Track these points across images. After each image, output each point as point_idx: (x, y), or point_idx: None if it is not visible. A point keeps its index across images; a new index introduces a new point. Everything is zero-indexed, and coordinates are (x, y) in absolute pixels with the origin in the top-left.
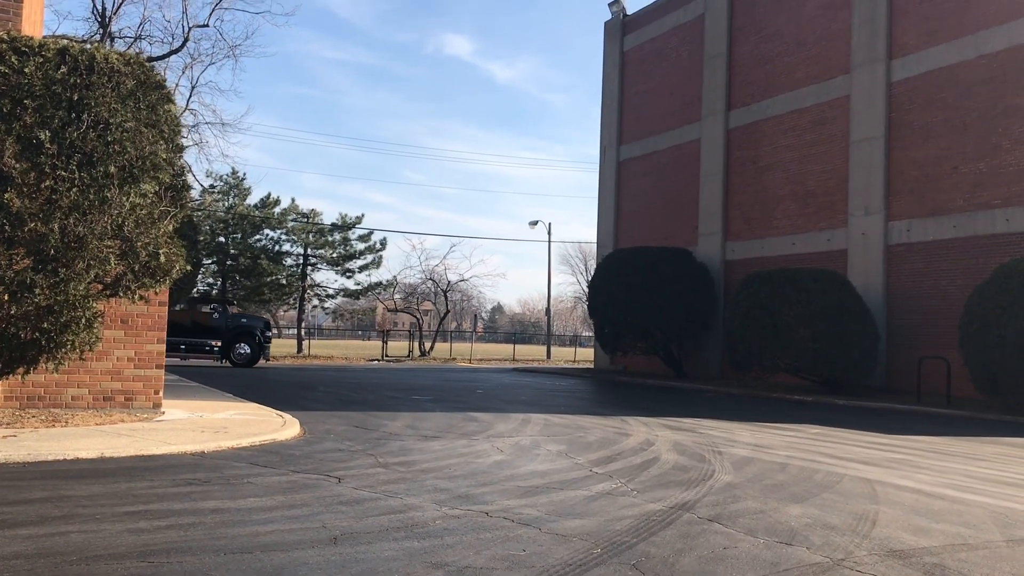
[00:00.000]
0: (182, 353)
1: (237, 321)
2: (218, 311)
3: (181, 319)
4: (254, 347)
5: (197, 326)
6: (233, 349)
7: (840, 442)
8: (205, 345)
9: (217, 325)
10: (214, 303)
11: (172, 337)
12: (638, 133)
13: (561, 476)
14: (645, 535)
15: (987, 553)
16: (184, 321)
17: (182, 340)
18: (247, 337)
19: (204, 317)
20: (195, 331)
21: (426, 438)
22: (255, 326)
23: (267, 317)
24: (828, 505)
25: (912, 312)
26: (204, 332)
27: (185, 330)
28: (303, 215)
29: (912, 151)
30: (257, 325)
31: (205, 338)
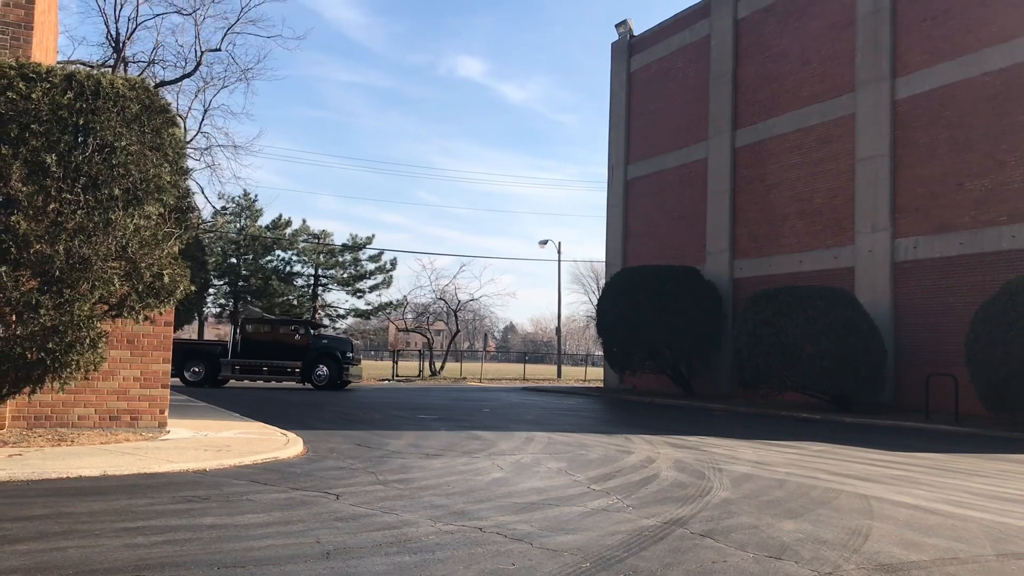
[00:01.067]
0: (264, 375)
1: (319, 342)
2: (300, 332)
3: (263, 340)
4: (334, 369)
5: (279, 347)
6: (314, 371)
7: (842, 459)
8: (287, 367)
9: (299, 346)
10: (295, 323)
11: (254, 359)
12: (645, 152)
13: (558, 493)
14: (636, 550)
15: (976, 567)
16: (266, 342)
17: (264, 362)
18: (328, 359)
19: (286, 338)
20: (276, 352)
21: (428, 456)
22: (336, 348)
23: (351, 339)
24: (822, 520)
25: (920, 329)
26: (286, 353)
27: (267, 351)
28: (314, 236)
29: (917, 168)
30: (338, 347)
31: (287, 360)
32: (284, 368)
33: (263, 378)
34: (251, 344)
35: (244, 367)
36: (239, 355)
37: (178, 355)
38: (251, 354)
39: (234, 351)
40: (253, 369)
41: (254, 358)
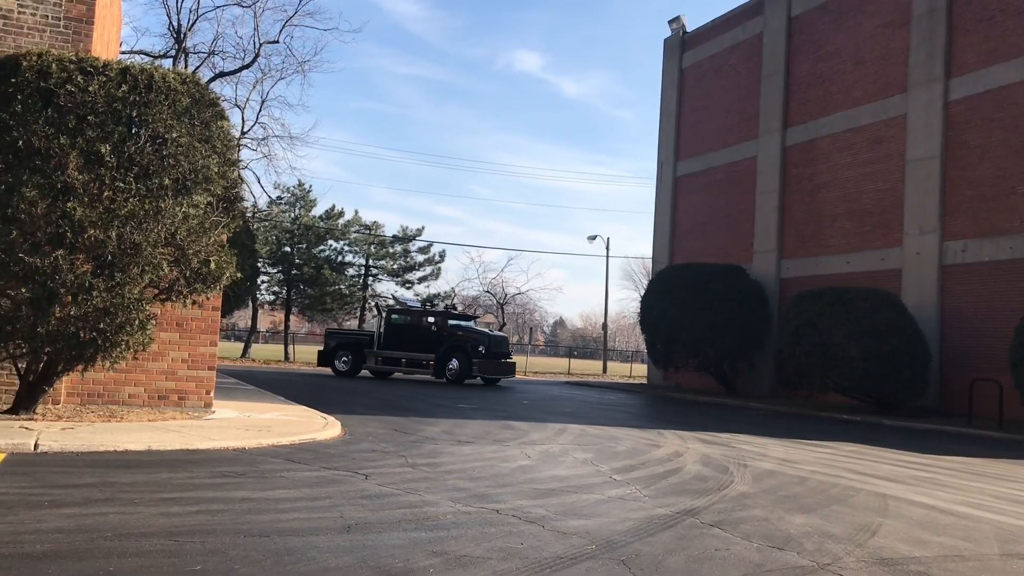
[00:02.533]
0: (403, 368)
1: (454, 334)
2: (436, 322)
3: (404, 330)
4: (464, 363)
5: (417, 339)
6: (446, 365)
7: (872, 460)
8: (422, 360)
9: (435, 338)
10: (432, 313)
11: (395, 351)
12: (695, 149)
13: (579, 481)
14: (643, 535)
15: (976, 565)
16: (407, 333)
17: (403, 354)
18: (459, 353)
19: (424, 329)
20: (415, 344)
21: (459, 443)
22: (468, 341)
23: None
24: (834, 516)
25: (966, 333)
26: (423, 345)
27: (407, 343)
28: (365, 227)
29: (969, 171)
30: (471, 340)
31: (423, 352)
32: (419, 361)
33: (401, 371)
34: (394, 335)
35: (385, 359)
36: (382, 346)
37: (331, 345)
38: (393, 345)
39: (379, 342)
40: (393, 361)
41: (395, 350)
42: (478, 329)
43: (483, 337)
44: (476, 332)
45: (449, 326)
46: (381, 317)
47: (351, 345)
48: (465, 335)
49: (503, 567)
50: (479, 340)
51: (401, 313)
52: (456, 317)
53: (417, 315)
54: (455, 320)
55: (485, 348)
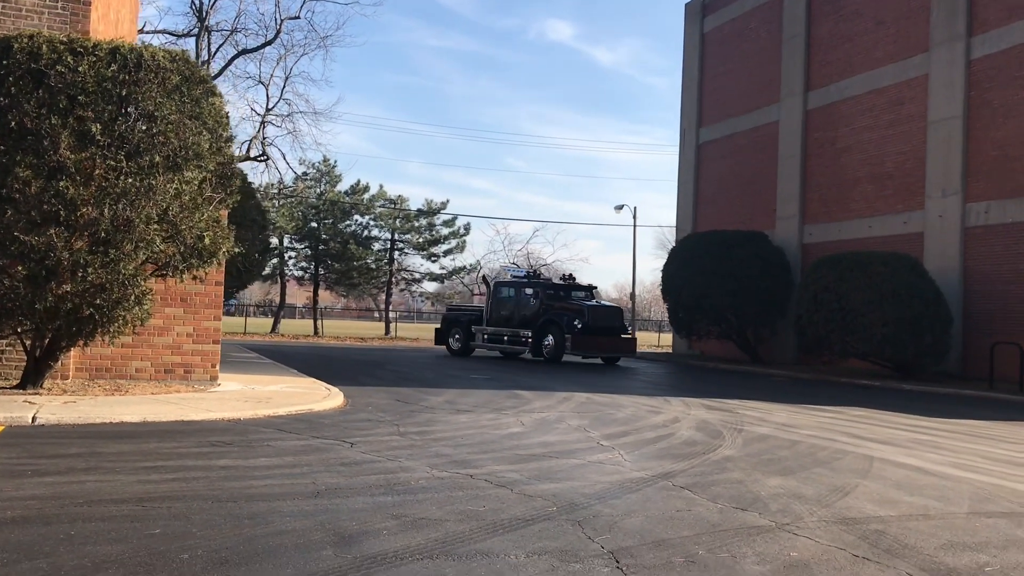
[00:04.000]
0: (505, 345)
1: (551, 307)
2: (535, 295)
3: (508, 304)
4: (558, 339)
5: (519, 313)
6: (542, 342)
7: (876, 424)
8: (522, 336)
9: (533, 313)
10: (531, 284)
11: (499, 327)
12: (717, 115)
13: (565, 447)
14: (609, 498)
15: (939, 523)
16: (511, 307)
17: (506, 331)
18: (553, 327)
19: (525, 302)
20: (517, 319)
21: (458, 412)
22: (564, 314)
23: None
24: (812, 479)
25: (989, 296)
26: (524, 320)
27: (510, 318)
28: (390, 201)
29: (992, 131)
30: (567, 313)
31: (524, 328)
32: (519, 337)
33: (502, 349)
34: (499, 310)
35: (491, 336)
36: (490, 322)
37: (445, 323)
38: (498, 321)
39: (487, 318)
40: (497, 339)
41: (500, 326)
42: (580, 301)
43: (583, 309)
44: (575, 304)
45: (548, 297)
46: (489, 291)
47: (462, 322)
48: (562, 307)
49: (458, 528)
50: (576, 313)
51: (508, 286)
52: (567, 288)
53: (520, 287)
54: (563, 291)
55: (582, 322)
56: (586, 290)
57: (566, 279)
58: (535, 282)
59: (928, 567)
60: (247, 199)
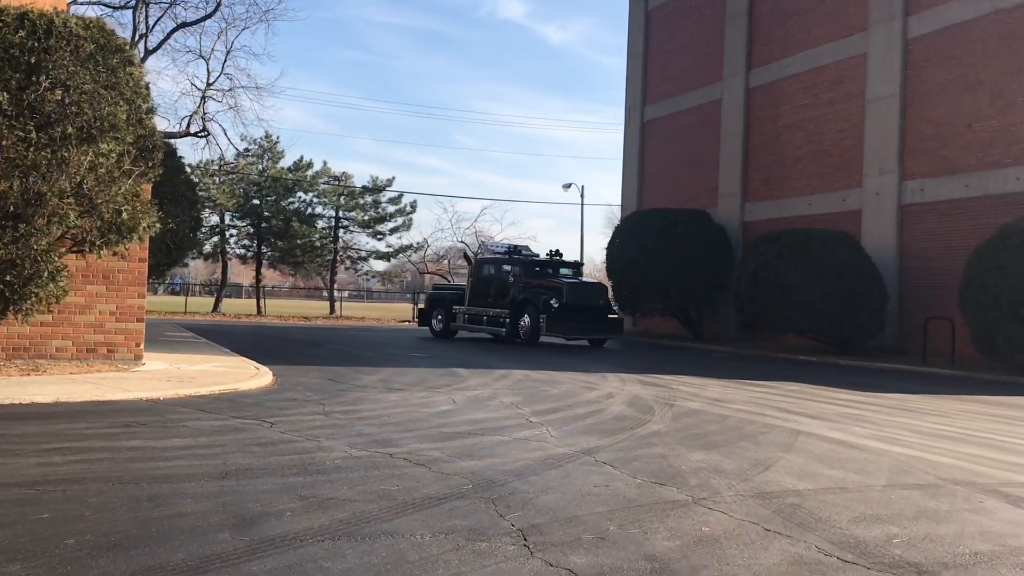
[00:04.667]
0: (485, 327)
1: (528, 284)
2: (513, 272)
3: (488, 282)
4: (533, 319)
5: (499, 291)
6: (518, 322)
7: (808, 399)
8: (500, 316)
9: (510, 293)
10: (508, 261)
11: (480, 307)
12: (662, 93)
13: (492, 424)
14: (528, 475)
15: (854, 496)
16: (490, 285)
17: (485, 311)
18: (529, 307)
19: (503, 279)
20: (497, 298)
21: (390, 390)
22: (541, 293)
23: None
24: (735, 453)
25: (923, 273)
26: (502, 299)
27: (490, 297)
28: (334, 178)
29: (927, 109)
30: (544, 291)
31: (502, 307)
32: (498, 318)
33: (484, 330)
34: (480, 288)
35: (471, 317)
36: (470, 302)
37: (429, 303)
38: (478, 301)
39: (468, 297)
40: (477, 319)
41: (480, 306)
42: (557, 279)
43: (560, 287)
44: (554, 282)
45: (526, 274)
46: (471, 268)
47: (444, 302)
48: (539, 285)
49: (366, 508)
50: (553, 291)
51: (489, 263)
52: (549, 264)
53: (500, 264)
54: (545, 267)
55: (559, 301)
56: (572, 267)
57: (552, 255)
58: (515, 258)
59: (838, 540)
60: (176, 174)
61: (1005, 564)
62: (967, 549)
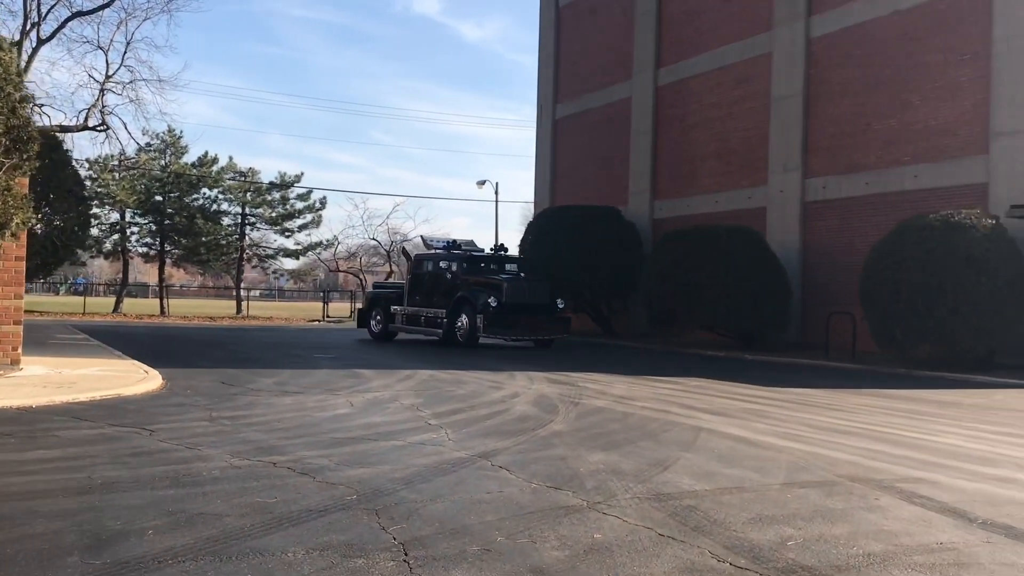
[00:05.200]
0: (422, 328)
1: (465, 281)
2: (450, 269)
3: (426, 280)
4: (471, 319)
5: (437, 290)
6: (455, 323)
7: (712, 394)
8: (438, 317)
9: (448, 291)
10: (448, 257)
11: (418, 307)
12: (573, 91)
13: (388, 428)
14: (419, 482)
15: (752, 496)
16: (429, 283)
17: (424, 311)
18: (466, 306)
19: (441, 277)
20: (434, 297)
21: (285, 394)
22: (480, 291)
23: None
24: (635, 453)
25: (826, 268)
26: (440, 299)
27: (428, 296)
28: (241, 174)
29: (829, 108)
30: (484, 289)
31: (440, 307)
32: (436, 318)
33: (422, 332)
34: (418, 286)
35: (408, 317)
36: (409, 301)
37: (368, 303)
38: (416, 300)
39: (406, 296)
40: (414, 319)
41: (418, 306)
42: (497, 276)
43: (499, 284)
44: (493, 279)
45: (464, 271)
46: (409, 265)
47: (383, 302)
48: (477, 282)
49: (237, 524)
50: (492, 289)
51: (427, 259)
52: (491, 260)
53: (437, 260)
54: (485, 263)
55: (497, 299)
56: (517, 262)
57: (496, 250)
58: (454, 253)
59: (732, 544)
60: (62, 168)
61: (897, 565)
62: (860, 550)
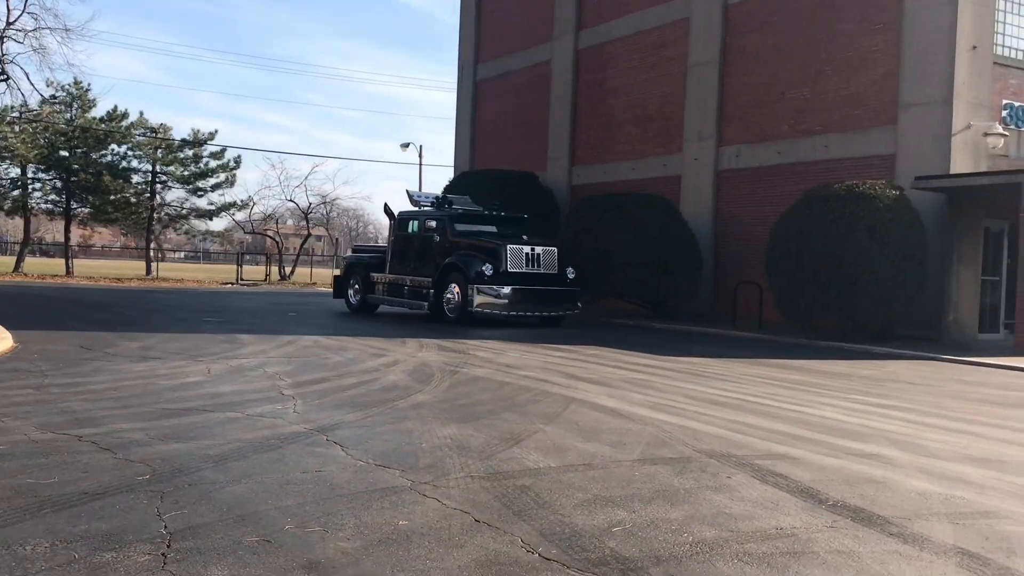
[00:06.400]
0: (405, 299)
1: (456, 247)
2: (439, 230)
3: (412, 244)
4: (463, 290)
5: (423, 256)
6: (443, 294)
7: (603, 364)
8: (423, 287)
9: (436, 257)
10: (437, 218)
11: (402, 274)
12: (494, 52)
13: (235, 398)
14: (231, 460)
15: (597, 474)
16: (414, 247)
17: (408, 279)
18: (456, 275)
19: (428, 240)
20: (420, 265)
21: (144, 359)
22: (471, 257)
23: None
24: (492, 426)
25: (738, 238)
26: (426, 266)
27: (413, 263)
28: (152, 130)
29: (744, 76)
30: (477, 255)
31: (426, 276)
32: (421, 288)
33: (406, 304)
34: (401, 251)
35: (390, 287)
36: (391, 268)
37: (346, 269)
38: (399, 267)
39: (388, 261)
40: (396, 290)
41: (401, 273)
42: (495, 239)
43: (497, 249)
44: (488, 242)
45: (456, 233)
46: (392, 225)
47: (362, 268)
48: (472, 247)
49: None
50: (487, 254)
51: (413, 218)
52: (488, 220)
53: (425, 219)
54: (481, 223)
55: (495, 267)
56: (517, 224)
57: (494, 209)
58: (441, 212)
59: (550, 531)
60: None
61: (724, 555)
62: (691, 537)
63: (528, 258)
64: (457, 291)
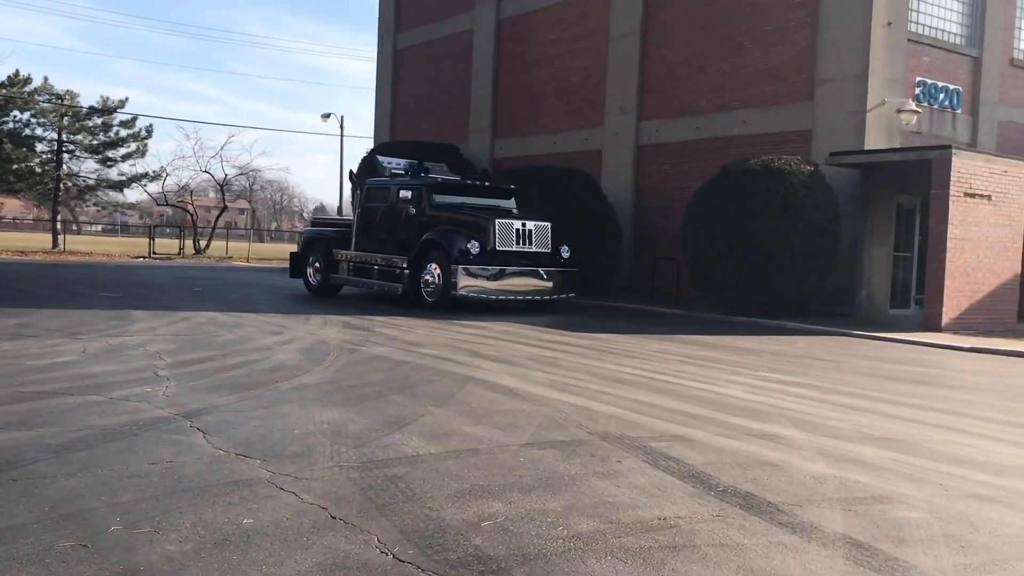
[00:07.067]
0: (375, 280)
1: (435, 221)
2: (416, 202)
3: (381, 218)
4: (444, 270)
5: (395, 232)
6: (421, 275)
7: (512, 341)
8: (397, 266)
9: (412, 232)
10: (412, 188)
11: (368, 252)
12: (416, 20)
13: (103, 380)
14: (75, 450)
15: (480, 460)
16: (384, 222)
17: (377, 256)
18: (436, 253)
19: (401, 213)
20: (391, 241)
21: (18, 336)
22: (452, 233)
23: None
24: (377, 409)
25: (657, 213)
26: (400, 243)
27: (383, 239)
28: (57, 96)
29: (664, 49)
30: (461, 228)
31: (399, 253)
32: (393, 268)
33: (376, 285)
34: (370, 225)
35: (357, 266)
36: (357, 244)
37: (305, 245)
38: (367, 243)
39: (354, 237)
40: (364, 269)
41: (370, 250)
42: (481, 212)
43: (483, 224)
44: (473, 216)
45: (435, 205)
46: (359, 196)
47: (322, 244)
48: (453, 220)
49: None
50: (473, 229)
51: (383, 188)
52: (472, 191)
53: (398, 190)
54: (464, 194)
55: (481, 244)
56: (505, 195)
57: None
58: (417, 180)
59: (412, 527)
60: None
61: (598, 551)
62: (567, 531)
63: (519, 235)
64: (438, 272)
